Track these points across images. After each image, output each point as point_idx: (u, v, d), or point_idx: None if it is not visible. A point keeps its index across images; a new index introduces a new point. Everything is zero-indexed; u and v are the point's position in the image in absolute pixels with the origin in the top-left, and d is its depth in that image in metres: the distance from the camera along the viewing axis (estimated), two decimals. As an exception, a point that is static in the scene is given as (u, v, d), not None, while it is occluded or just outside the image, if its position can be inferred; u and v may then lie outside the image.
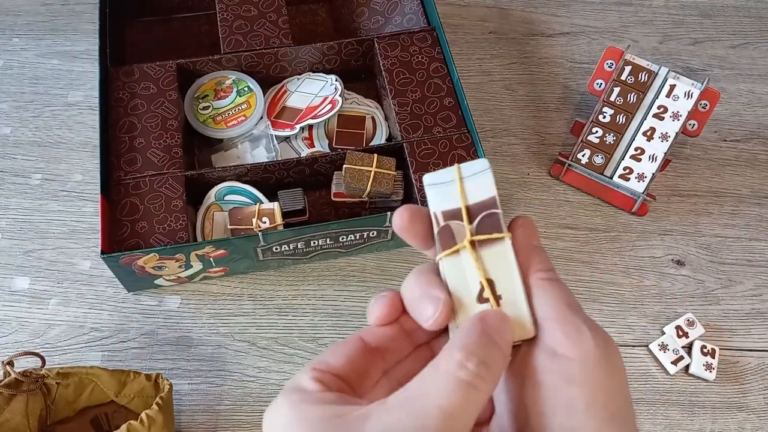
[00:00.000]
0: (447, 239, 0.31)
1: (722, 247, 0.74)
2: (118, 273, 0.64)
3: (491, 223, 0.31)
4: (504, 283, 0.30)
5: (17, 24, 0.84)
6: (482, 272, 0.30)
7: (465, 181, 0.32)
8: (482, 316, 0.29)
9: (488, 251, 0.30)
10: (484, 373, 0.27)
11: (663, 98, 0.73)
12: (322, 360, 0.29)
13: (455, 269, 0.30)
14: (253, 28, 0.74)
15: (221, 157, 0.72)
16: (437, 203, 0.32)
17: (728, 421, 0.64)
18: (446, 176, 0.32)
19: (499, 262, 0.30)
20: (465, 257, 0.30)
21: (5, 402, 0.54)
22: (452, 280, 0.31)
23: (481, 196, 0.31)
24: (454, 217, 0.31)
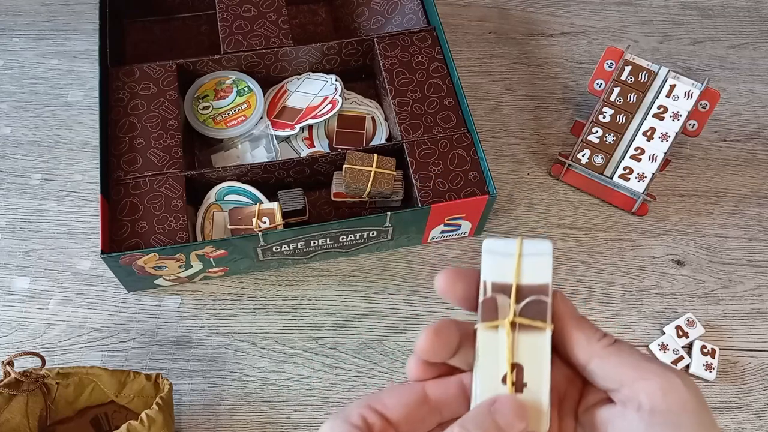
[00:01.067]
0: (490, 312, 0.31)
1: (722, 247, 0.74)
2: (118, 273, 0.64)
3: (538, 310, 0.31)
4: (532, 372, 0.30)
5: (17, 24, 0.84)
6: (511, 356, 0.30)
7: (524, 258, 0.31)
8: (495, 399, 0.30)
9: (526, 337, 0.30)
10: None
11: (663, 98, 0.73)
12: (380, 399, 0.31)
13: (489, 344, 0.31)
14: (253, 28, 0.74)
15: (221, 157, 0.72)
16: (490, 272, 0.31)
17: (728, 421, 0.64)
18: (507, 248, 0.32)
19: (533, 351, 0.30)
20: (502, 335, 0.30)
21: (5, 402, 0.54)
22: (483, 353, 0.31)
23: (535, 280, 0.31)
24: (503, 292, 0.31)
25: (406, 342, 0.67)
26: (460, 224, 0.69)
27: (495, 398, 0.30)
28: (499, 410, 0.29)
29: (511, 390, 0.30)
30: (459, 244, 0.72)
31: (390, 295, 0.69)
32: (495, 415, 0.29)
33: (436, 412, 0.32)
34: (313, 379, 0.65)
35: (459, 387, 0.32)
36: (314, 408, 0.63)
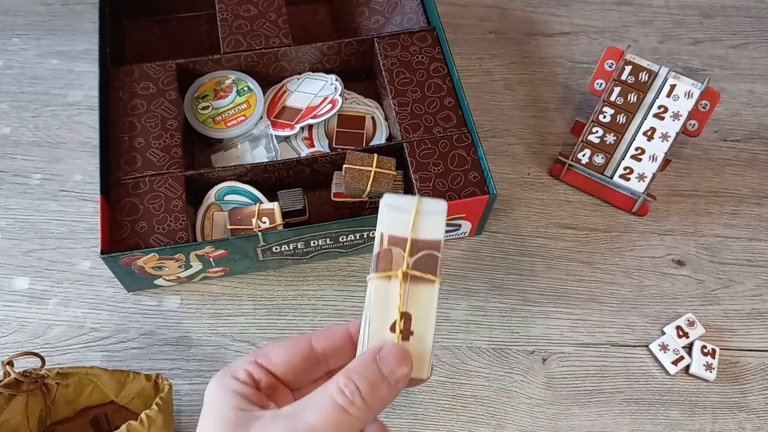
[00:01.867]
0: (385, 262, 0.32)
1: (722, 247, 0.74)
2: (118, 273, 0.64)
3: (429, 263, 0.32)
4: (419, 321, 0.32)
5: (17, 24, 0.84)
6: (402, 304, 0.32)
7: (420, 215, 0.33)
8: (380, 347, 0.31)
9: (417, 288, 0.32)
10: (359, 400, 0.29)
11: (663, 98, 0.73)
12: (265, 354, 0.32)
13: (381, 293, 0.32)
14: (253, 28, 0.74)
15: (221, 157, 0.72)
16: (387, 225, 0.33)
17: (728, 422, 0.64)
18: (405, 203, 0.33)
19: (422, 301, 0.32)
20: (394, 285, 0.32)
21: (5, 402, 0.54)
22: (375, 302, 0.32)
23: (429, 235, 0.33)
24: (398, 245, 0.32)
25: (406, 342, 0.67)
26: (460, 224, 0.69)
27: (380, 346, 0.31)
28: (383, 358, 0.30)
29: (398, 337, 0.31)
30: (459, 244, 0.72)
31: (390, 295, 0.69)
32: (380, 363, 0.30)
33: (323, 363, 0.33)
34: (313, 379, 0.64)
35: (345, 336, 0.33)
36: (314, 408, 0.63)
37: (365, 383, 0.30)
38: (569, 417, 0.64)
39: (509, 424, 0.63)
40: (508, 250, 0.72)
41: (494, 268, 0.71)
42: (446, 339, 0.67)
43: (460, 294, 0.69)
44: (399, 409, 0.63)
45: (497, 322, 0.68)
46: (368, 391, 0.30)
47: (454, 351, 0.66)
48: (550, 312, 0.69)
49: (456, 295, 0.69)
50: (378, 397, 0.30)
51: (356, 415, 0.29)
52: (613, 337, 0.68)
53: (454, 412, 0.64)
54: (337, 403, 0.29)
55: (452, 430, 0.63)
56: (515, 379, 0.65)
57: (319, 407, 0.29)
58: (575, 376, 0.66)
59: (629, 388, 0.65)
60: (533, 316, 0.69)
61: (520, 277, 0.71)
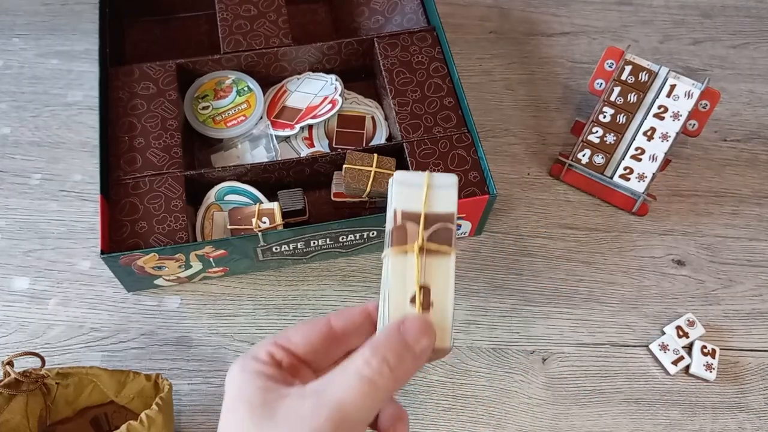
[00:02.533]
0: (400, 238, 0.33)
1: (722, 247, 0.74)
2: (118, 273, 0.64)
3: (444, 236, 0.33)
4: (438, 293, 0.32)
5: (17, 24, 0.84)
6: (420, 277, 0.32)
7: (432, 189, 0.33)
8: (404, 319, 0.31)
9: (433, 261, 0.32)
10: (386, 370, 0.29)
11: (663, 98, 0.73)
12: (286, 336, 0.33)
13: (399, 268, 0.32)
14: (253, 28, 0.74)
15: (221, 157, 0.72)
16: (401, 201, 0.33)
17: (728, 422, 0.64)
18: (416, 179, 0.34)
19: (440, 273, 0.32)
20: (410, 260, 0.32)
21: (5, 402, 0.54)
22: (394, 277, 0.32)
23: (442, 209, 0.33)
24: (412, 220, 0.33)
25: (406, 342, 0.67)
26: (460, 224, 0.69)
27: (404, 318, 0.31)
28: (407, 329, 0.31)
29: (419, 309, 0.32)
30: (459, 244, 0.72)
31: (390, 295, 0.69)
32: (404, 334, 0.31)
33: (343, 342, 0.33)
34: (313, 379, 0.64)
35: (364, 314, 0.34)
36: (314, 408, 0.63)
37: (391, 354, 0.30)
38: (569, 417, 0.64)
39: (509, 424, 0.63)
40: (508, 250, 0.72)
41: (494, 268, 0.71)
42: (446, 339, 0.67)
43: (460, 294, 0.69)
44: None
45: (497, 322, 0.68)
46: (395, 362, 0.30)
47: (454, 351, 0.66)
48: (550, 312, 0.69)
49: (456, 295, 0.69)
50: (404, 368, 0.30)
51: (383, 386, 0.29)
52: (613, 337, 0.68)
53: (454, 412, 0.64)
54: (365, 375, 0.29)
55: (452, 430, 0.63)
56: (515, 379, 0.65)
57: (347, 381, 0.29)
58: (575, 376, 0.66)
59: (629, 388, 0.65)
60: (533, 316, 0.69)
61: (520, 277, 0.71)
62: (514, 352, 0.67)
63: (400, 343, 0.30)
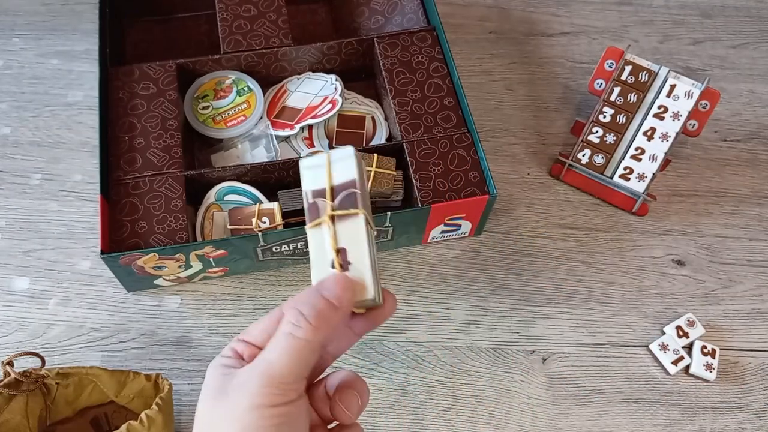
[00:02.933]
0: (313, 214, 0.36)
1: (722, 247, 0.74)
2: (118, 273, 0.64)
3: (350, 200, 0.36)
4: (354, 252, 0.35)
5: (17, 24, 0.84)
6: (334, 242, 0.35)
7: (333, 164, 0.36)
8: (321, 280, 0.35)
9: (345, 224, 0.35)
10: (303, 323, 0.33)
11: (663, 98, 0.73)
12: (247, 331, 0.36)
13: (317, 239, 0.36)
14: (253, 28, 0.74)
15: (221, 157, 0.72)
16: (309, 183, 0.37)
17: (728, 422, 0.64)
18: (319, 161, 0.37)
19: (352, 234, 0.35)
20: (324, 229, 0.35)
21: (5, 402, 0.54)
22: (314, 249, 0.36)
23: (344, 178, 0.36)
24: (321, 196, 0.36)
25: (407, 342, 0.67)
26: (460, 224, 0.69)
27: (322, 279, 0.35)
28: (325, 286, 0.34)
29: (339, 270, 0.35)
30: (459, 244, 0.72)
31: (390, 295, 0.69)
32: (322, 291, 0.34)
33: None
34: (313, 379, 0.64)
35: None
36: (314, 408, 0.63)
37: (308, 308, 0.33)
38: (569, 417, 0.64)
39: (509, 424, 0.63)
40: (508, 250, 0.72)
41: (494, 268, 0.71)
42: (446, 339, 0.67)
43: (460, 294, 0.69)
44: (399, 409, 0.63)
45: (497, 322, 0.68)
46: (312, 314, 0.33)
47: (454, 351, 0.66)
48: (550, 312, 0.69)
49: (456, 295, 0.69)
50: (322, 319, 0.33)
51: (303, 336, 0.32)
52: (613, 337, 0.68)
53: (454, 412, 0.64)
54: (285, 332, 0.33)
55: (452, 430, 0.63)
56: (515, 379, 0.65)
57: (274, 343, 0.33)
58: (575, 376, 0.66)
59: (629, 388, 0.65)
60: (533, 316, 0.69)
61: (520, 277, 0.71)
62: (514, 352, 0.67)
63: (316, 297, 0.33)
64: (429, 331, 0.67)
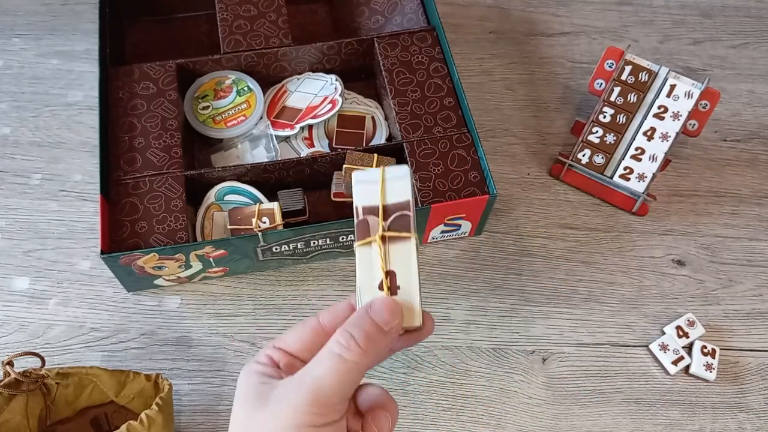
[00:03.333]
0: (363, 231, 0.36)
1: (722, 247, 0.74)
2: (118, 273, 0.64)
3: (402, 222, 0.35)
4: (403, 276, 0.35)
5: (17, 24, 0.84)
6: (385, 264, 0.35)
7: (387, 182, 0.36)
8: (371, 302, 0.34)
9: (396, 246, 0.35)
10: (354, 346, 0.33)
11: (663, 98, 0.73)
12: (281, 338, 0.36)
13: (366, 258, 0.35)
14: (253, 28, 0.74)
15: (221, 157, 0.72)
16: (361, 198, 0.36)
17: (728, 422, 0.64)
18: (372, 176, 0.37)
19: (403, 257, 0.35)
20: (375, 249, 0.35)
21: (5, 402, 0.54)
22: (362, 267, 0.36)
23: (398, 198, 0.36)
24: (373, 213, 0.36)
25: (406, 342, 0.67)
26: (460, 224, 0.69)
27: (371, 301, 0.34)
28: (375, 310, 0.34)
29: (387, 293, 0.35)
30: (459, 244, 0.72)
31: (390, 295, 0.69)
32: (372, 315, 0.34)
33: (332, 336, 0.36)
34: (313, 379, 0.64)
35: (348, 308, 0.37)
36: (314, 408, 0.63)
37: (358, 331, 0.33)
38: (569, 417, 0.64)
39: (509, 424, 0.63)
40: (508, 250, 0.72)
41: (494, 268, 0.71)
42: (446, 339, 0.67)
43: (460, 294, 0.69)
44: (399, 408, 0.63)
45: (497, 322, 0.68)
46: (362, 338, 0.33)
47: (454, 351, 0.66)
48: (550, 312, 0.69)
49: (456, 295, 0.69)
50: (373, 344, 0.33)
51: (352, 359, 0.33)
52: (613, 337, 0.68)
53: (454, 412, 0.64)
54: (335, 352, 0.33)
55: (452, 430, 0.63)
56: (515, 379, 0.65)
57: (321, 360, 0.33)
58: (575, 376, 0.66)
59: (629, 388, 0.65)
60: (533, 316, 0.69)
61: (520, 277, 0.71)
62: (514, 352, 0.67)
63: (367, 321, 0.33)
64: (429, 331, 0.67)
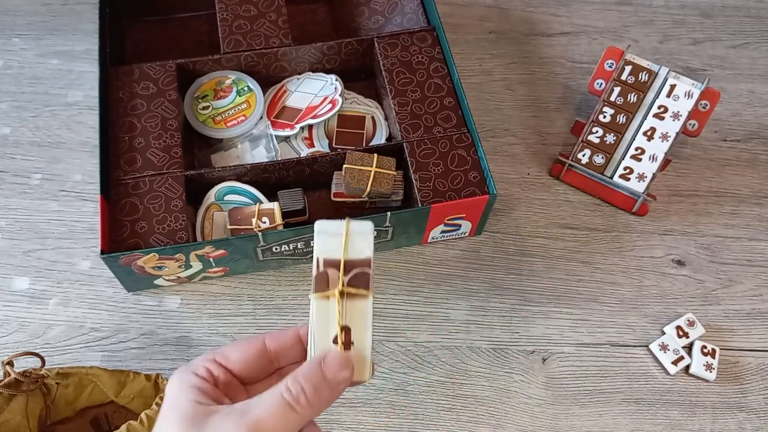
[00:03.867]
0: (322, 284, 0.37)
1: (722, 247, 0.74)
2: (118, 273, 0.64)
3: (362, 279, 0.36)
4: (358, 332, 0.36)
5: (17, 24, 0.84)
6: (341, 319, 0.36)
7: (351, 236, 0.37)
8: (324, 355, 0.35)
9: (353, 303, 0.36)
10: (303, 399, 0.33)
11: (663, 98, 0.73)
12: (224, 353, 0.36)
13: (322, 310, 0.36)
14: (253, 28, 0.74)
15: (221, 157, 0.72)
16: (322, 250, 0.37)
17: (728, 422, 0.64)
18: (336, 228, 0.37)
19: (359, 314, 0.36)
20: (332, 303, 0.36)
21: (5, 402, 0.54)
22: (318, 318, 0.36)
23: (359, 255, 0.36)
24: (333, 266, 0.36)
25: (406, 342, 0.67)
26: (460, 224, 0.69)
27: (325, 354, 0.35)
28: (328, 364, 0.35)
29: (340, 348, 0.36)
30: (459, 244, 0.72)
31: (390, 295, 0.69)
32: (324, 368, 0.35)
33: (275, 361, 0.38)
34: (313, 379, 0.64)
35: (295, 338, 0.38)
36: (314, 408, 0.63)
37: (309, 385, 0.34)
38: (569, 417, 0.64)
39: (509, 424, 0.63)
40: (508, 250, 0.72)
41: (494, 268, 0.71)
42: (446, 339, 0.67)
43: (460, 294, 0.69)
44: (399, 409, 0.63)
45: (497, 322, 0.68)
46: (312, 392, 0.34)
47: (454, 351, 0.66)
48: (550, 312, 0.69)
49: (456, 295, 0.69)
50: (321, 398, 0.34)
51: (300, 411, 0.33)
52: (613, 337, 0.68)
53: (454, 412, 0.64)
54: (284, 399, 0.33)
55: (452, 430, 0.63)
56: (515, 379, 0.65)
57: (267, 403, 0.33)
58: (575, 376, 0.66)
59: (629, 388, 0.65)
60: (533, 316, 0.69)
61: (520, 277, 0.71)
62: (514, 352, 0.67)
63: (319, 376, 0.34)
64: (429, 331, 0.67)
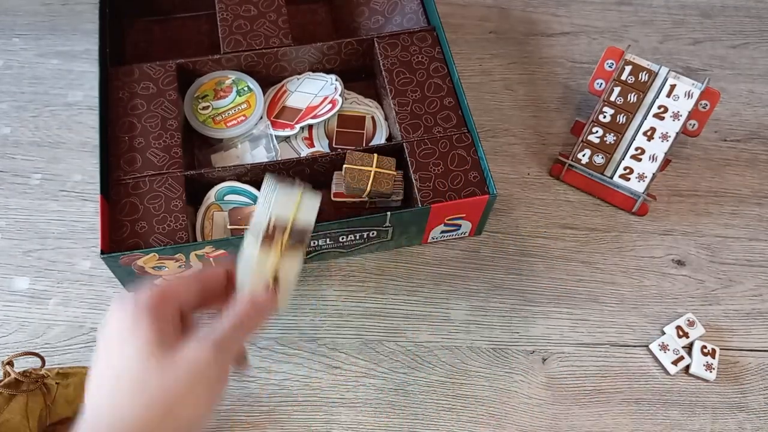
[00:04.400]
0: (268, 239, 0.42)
1: (722, 247, 0.74)
2: (118, 273, 0.64)
3: (302, 241, 0.43)
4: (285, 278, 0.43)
5: (17, 24, 0.84)
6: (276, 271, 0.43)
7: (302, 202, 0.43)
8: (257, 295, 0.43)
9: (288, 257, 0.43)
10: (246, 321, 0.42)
11: (663, 98, 0.73)
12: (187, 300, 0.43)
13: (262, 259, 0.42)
14: (253, 28, 0.74)
15: (221, 157, 0.72)
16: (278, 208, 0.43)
17: (728, 421, 0.64)
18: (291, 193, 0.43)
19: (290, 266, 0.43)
20: (273, 255, 0.42)
21: (5, 402, 0.54)
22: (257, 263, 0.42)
23: (305, 221, 0.43)
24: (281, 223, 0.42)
25: (406, 342, 0.67)
26: (460, 224, 0.69)
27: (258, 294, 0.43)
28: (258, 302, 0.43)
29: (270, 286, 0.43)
30: (459, 244, 0.72)
31: (390, 295, 0.69)
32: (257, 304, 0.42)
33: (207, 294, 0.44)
34: (313, 379, 0.65)
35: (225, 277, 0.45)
36: (314, 408, 0.63)
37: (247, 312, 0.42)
38: (569, 417, 0.64)
39: (509, 424, 0.63)
40: (508, 250, 0.72)
41: (494, 268, 0.71)
42: (446, 339, 0.67)
43: (460, 294, 0.69)
44: (399, 409, 0.63)
45: (497, 322, 0.68)
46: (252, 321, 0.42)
47: (454, 351, 0.66)
48: (550, 312, 0.69)
49: (456, 295, 0.69)
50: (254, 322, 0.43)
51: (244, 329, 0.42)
52: (613, 337, 0.68)
53: (454, 412, 0.64)
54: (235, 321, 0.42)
55: (452, 430, 0.63)
56: (515, 379, 0.65)
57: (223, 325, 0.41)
58: (575, 376, 0.66)
59: (629, 388, 0.65)
60: (533, 316, 0.69)
61: (520, 277, 0.71)
62: (514, 352, 0.67)
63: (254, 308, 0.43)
64: (429, 331, 0.67)
